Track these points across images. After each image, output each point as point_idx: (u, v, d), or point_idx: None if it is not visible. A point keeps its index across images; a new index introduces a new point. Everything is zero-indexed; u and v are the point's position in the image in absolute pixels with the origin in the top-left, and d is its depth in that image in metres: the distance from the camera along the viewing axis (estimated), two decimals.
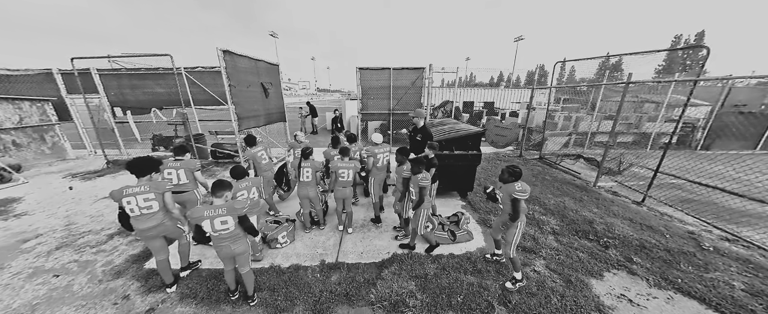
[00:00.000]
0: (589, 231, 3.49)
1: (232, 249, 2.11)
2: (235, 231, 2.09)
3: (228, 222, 2.04)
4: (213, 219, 2.01)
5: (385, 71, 7.09)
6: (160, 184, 2.27)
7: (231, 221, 2.05)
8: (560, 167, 6.31)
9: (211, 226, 2.02)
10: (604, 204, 4.31)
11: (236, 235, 2.11)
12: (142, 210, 2.20)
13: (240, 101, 5.17)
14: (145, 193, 2.19)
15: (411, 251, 3.02)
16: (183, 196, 2.97)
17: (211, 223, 2.02)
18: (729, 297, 2.44)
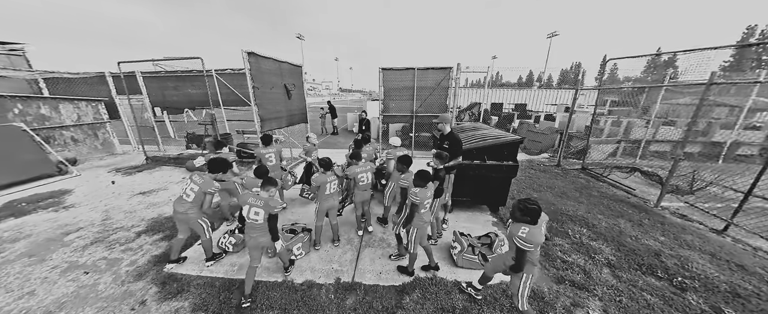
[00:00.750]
0: (656, 266, 2.85)
1: (260, 241, 2.33)
2: (264, 225, 2.29)
3: (259, 214, 2.27)
4: (251, 206, 2.28)
5: (409, 71, 6.75)
6: (208, 184, 2.58)
7: (262, 214, 2.27)
8: (609, 180, 5.48)
9: (247, 213, 2.29)
10: (672, 231, 3.57)
11: (264, 229, 2.31)
12: (183, 193, 2.63)
13: (263, 102, 5.19)
14: (192, 184, 2.59)
15: (412, 276, 2.63)
16: (225, 185, 3.52)
17: (248, 211, 2.29)
18: None
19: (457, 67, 6.54)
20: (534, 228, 1.77)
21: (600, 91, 6.19)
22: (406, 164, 2.88)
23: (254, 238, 2.33)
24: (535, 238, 1.75)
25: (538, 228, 1.80)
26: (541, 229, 1.80)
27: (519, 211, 1.81)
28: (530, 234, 1.75)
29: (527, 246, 1.76)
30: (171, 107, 7.48)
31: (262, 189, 2.34)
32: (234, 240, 3.08)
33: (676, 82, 5.64)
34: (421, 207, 2.39)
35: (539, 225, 1.81)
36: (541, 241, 1.78)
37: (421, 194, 2.35)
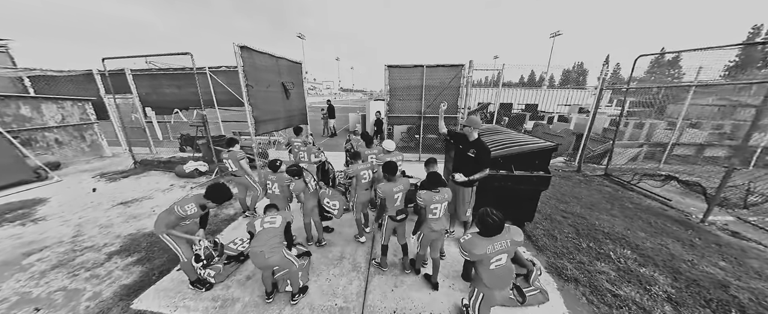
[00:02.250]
0: (728, 303, 2.36)
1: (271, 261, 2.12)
2: (275, 241, 2.15)
3: (276, 220, 2.23)
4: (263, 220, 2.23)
5: (417, 69, 6.26)
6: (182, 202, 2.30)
7: (279, 220, 2.23)
8: (638, 188, 4.97)
9: (261, 224, 2.21)
10: (732, 254, 3.07)
11: (275, 246, 2.15)
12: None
13: (258, 102, 4.70)
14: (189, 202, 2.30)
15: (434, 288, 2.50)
16: (240, 180, 3.75)
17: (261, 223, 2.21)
18: None
19: (470, 64, 6.04)
20: (478, 238, 1.67)
21: (626, 92, 5.67)
22: (392, 173, 2.55)
23: (262, 257, 2.07)
24: (473, 248, 1.64)
25: (488, 241, 1.65)
26: (490, 244, 1.64)
27: (477, 219, 1.71)
28: (470, 242, 1.67)
29: (463, 253, 1.71)
30: (163, 107, 7.00)
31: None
32: (213, 272, 2.59)
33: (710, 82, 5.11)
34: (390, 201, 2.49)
35: (493, 241, 1.65)
36: (479, 254, 1.63)
37: (386, 187, 2.48)
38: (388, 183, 2.51)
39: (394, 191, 2.47)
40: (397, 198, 2.49)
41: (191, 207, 2.25)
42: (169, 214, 2.26)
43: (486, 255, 1.63)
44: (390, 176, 2.54)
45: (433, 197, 2.26)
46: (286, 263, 2.20)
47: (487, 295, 1.74)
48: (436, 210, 2.27)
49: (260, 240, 2.13)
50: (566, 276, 2.67)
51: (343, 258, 2.97)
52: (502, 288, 1.74)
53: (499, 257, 1.67)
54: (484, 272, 1.69)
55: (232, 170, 3.69)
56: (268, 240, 2.13)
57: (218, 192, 2.28)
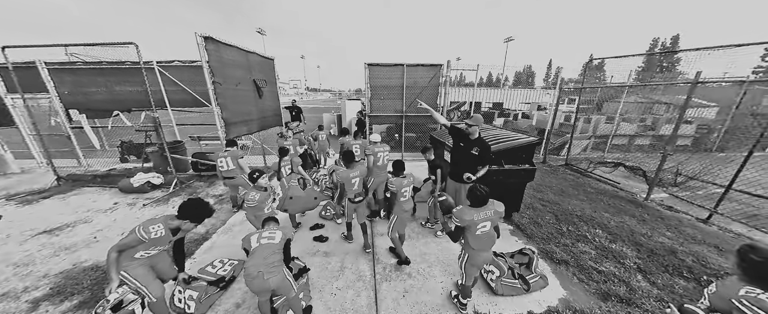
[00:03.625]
0: (680, 266, 2.81)
1: (270, 282, 1.83)
2: (274, 260, 1.90)
3: (275, 235, 1.99)
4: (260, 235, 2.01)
5: (397, 68, 6.24)
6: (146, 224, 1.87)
7: (278, 236, 1.98)
8: (594, 175, 5.72)
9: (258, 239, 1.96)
10: (673, 225, 3.69)
11: (275, 265, 1.88)
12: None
13: (227, 102, 4.17)
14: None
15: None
16: (234, 181, 3.67)
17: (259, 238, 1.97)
18: None
19: (448, 64, 6.24)
20: (467, 209, 1.99)
21: (580, 91, 6.46)
22: (348, 160, 2.91)
23: (261, 280, 1.78)
24: (463, 216, 1.95)
25: (474, 211, 1.96)
26: (477, 213, 1.96)
27: (468, 192, 2.02)
28: (461, 211, 1.98)
29: (454, 220, 2.00)
30: (95, 109, 5.76)
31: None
32: (196, 294, 2.19)
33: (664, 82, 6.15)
34: (399, 196, 2.67)
35: (479, 211, 1.96)
36: (468, 220, 1.94)
37: (344, 174, 2.79)
38: (346, 170, 2.84)
39: (352, 177, 2.80)
40: (354, 183, 2.82)
41: (157, 229, 1.80)
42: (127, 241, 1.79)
43: (473, 221, 1.95)
44: (348, 163, 2.89)
45: (402, 182, 2.67)
46: (286, 287, 1.91)
47: (472, 255, 2.07)
48: (405, 192, 2.69)
49: (257, 258, 1.84)
50: (557, 259, 2.90)
51: (344, 268, 2.78)
52: (485, 251, 2.08)
53: (485, 224, 1.98)
54: (471, 236, 2.01)
55: (227, 169, 3.60)
56: (266, 259, 1.84)
57: (196, 209, 1.93)
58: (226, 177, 3.71)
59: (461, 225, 2.00)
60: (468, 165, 2.87)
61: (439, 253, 3.04)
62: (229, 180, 3.71)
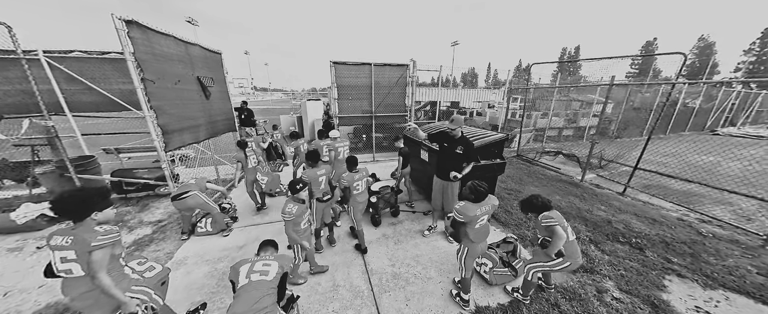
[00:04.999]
0: (616, 234, 3.45)
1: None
2: (274, 283, 1.60)
3: (270, 268, 1.64)
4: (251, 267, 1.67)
5: (364, 67, 6.09)
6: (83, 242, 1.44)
7: (273, 269, 1.64)
8: (540, 164, 6.64)
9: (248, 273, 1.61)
10: (603, 200, 4.52)
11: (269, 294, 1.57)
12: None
13: (165, 105, 3.38)
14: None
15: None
16: (187, 201, 3.11)
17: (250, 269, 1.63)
18: (756, 285, 2.59)
19: (414, 64, 6.38)
20: (470, 205, 2.07)
21: (526, 91, 7.40)
22: (313, 160, 2.87)
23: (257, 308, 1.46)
24: (468, 212, 2.03)
25: (477, 206, 2.07)
26: (479, 208, 2.07)
27: (468, 189, 2.11)
28: (464, 208, 2.05)
29: (458, 216, 2.06)
30: None
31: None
32: None
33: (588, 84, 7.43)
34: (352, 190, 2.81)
35: (480, 205, 2.09)
36: (472, 215, 2.03)
37: (311, 173, 2.80)
38: (312, 169, 2.80)
39: (318, 174, 2.81)
40: (321, 182, 2.83)
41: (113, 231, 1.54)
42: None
43: (475, 217, 2.03)
44: (313, 163, 2.83)
45: (354, 177, 2.85)
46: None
47: (471, 249, 2.15)
48: (358, 186, 2.86)
49: (244, 303, 1.47)
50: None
51: (337, 286, 2.54)
52: (482, 242, 2.21)
53: (483, 218, 2.10)
54: (471, 230, 2.09)
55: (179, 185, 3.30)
56: (256, 303, 1.47)
57: (66, 202, 1.46)
58: (178, 197, 3.04)
59: (464, 221, 2.05)
60: (454, 164, 2.95)
61: (430, 253, 3.05)
62: (179, 200, 3.05)
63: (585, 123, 10.59)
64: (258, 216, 3.94)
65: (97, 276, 1.41)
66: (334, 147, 3.89)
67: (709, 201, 4.49)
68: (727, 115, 13.79)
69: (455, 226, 2.14)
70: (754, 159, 5.92)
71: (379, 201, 3.56)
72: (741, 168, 5.62)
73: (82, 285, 1.45)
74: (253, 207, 4.11)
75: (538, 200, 2.16)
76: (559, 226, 1.99)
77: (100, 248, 1.43)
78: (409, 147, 4.72)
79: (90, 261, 1.41)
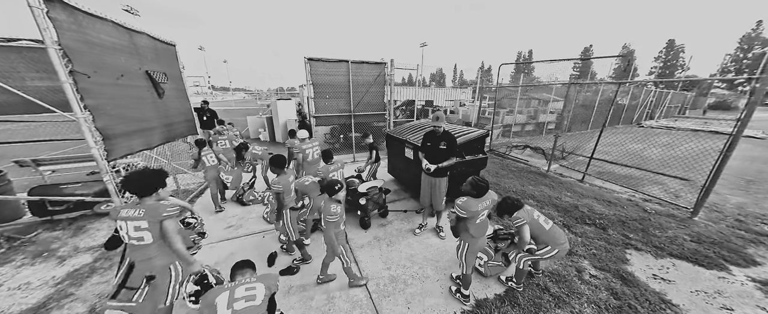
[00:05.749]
0: (583, 217, 3.84)
1: None
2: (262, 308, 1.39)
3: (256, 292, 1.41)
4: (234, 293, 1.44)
5: (342, 64, 5.87)
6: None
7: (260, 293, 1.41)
8: (511, 157, 7.15)
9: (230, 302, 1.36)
10: (568, 187, 5.01)
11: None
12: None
13: (106, 104, 2.81)
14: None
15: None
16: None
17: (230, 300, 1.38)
18: (691, 250, 3.10)
19: (391, 63, 6.35)
20: (472, 200, 2.07)
21: (496, 91, 7.89)
22: (279, 165, 2.64)
23: None
24: (470, 207, 2.03)
25: (478, 201, 2.07)
26: (480, 203, 2.08)
27: (469, 185, 2.12)
28: (466, 204, 2.04)
29: (461, 212, 2.05)
30: None
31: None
32: None
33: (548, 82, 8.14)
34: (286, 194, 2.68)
35: (481, 201, 2.10)
36: (474, 211, 2.03)
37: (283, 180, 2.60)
38: (283, 176, 2.59)
39: (291, 181, 2.63)
40: (293, 189, 2.68)
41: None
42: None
43: (477, 212, 2.04)
44: (279, 170, 2.61)
45: (330, 168, 3.00)
46: None
47: (472, 244, 2.16)
48: (334, 177, 2.98)
49: None
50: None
51: (332, 298, 2.36)
52: (482, 237, 2.22)
53: (483, 213, 2.11)
54: (472, 226, 2.10)
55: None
56: None
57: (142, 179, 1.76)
58: None
59: (467, 217, 2.04)
60: (439, 159, 2.97)
61: (424, 252, 3.03)
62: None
63: (543, 118, 11.76)
64: (231, 228, 3.52)
65: (172, 241, 1.69)
66: (300, 148, 3.74)
67: (646, 183, 5.28)
68: (648, 111, 16.55)
69: (457, 223, 2.13)
70: (668, 145, 7.16)
71: (368, 202, 3.43)
72: (661, 154, 6.75)
73: (150, 250, 1.69)
74: (225, 221, 3.66)
75: (510, 201, 2.27)
76: (527, 225, 2.16)
77: (169, 217, 1.70)
78: (395, 145, 4.68)
79: (163, 228, 1.68)
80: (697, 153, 5.58)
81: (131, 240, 1.66)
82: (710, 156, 4.68)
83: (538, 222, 2.26)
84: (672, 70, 43.59)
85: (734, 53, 40.34)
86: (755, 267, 2.87)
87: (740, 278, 2.70)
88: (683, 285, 2.60)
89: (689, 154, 5.75)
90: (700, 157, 5.32)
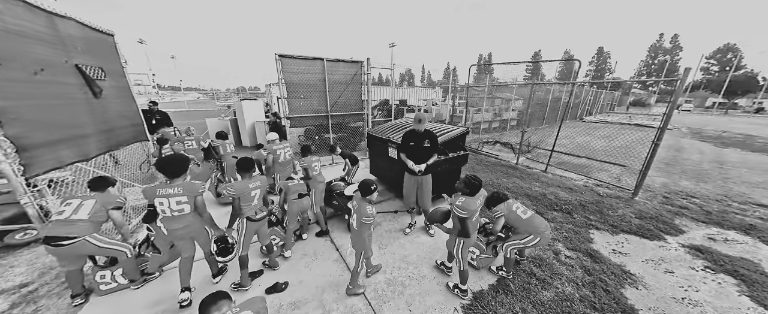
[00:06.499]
0: (551, 204, 4.25)
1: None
2: None
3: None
4: None
5: (316, 62, 5.60)
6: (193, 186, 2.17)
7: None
8: (484, 152, 7.62)
9: None
10: (536, 178, 5.51)
11: None
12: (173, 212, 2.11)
13: (15, 107, 2.23)
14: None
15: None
16: (78, 247, 2.27)
17: None
18: (637, 226, 3.65)
19: (368, 61, 6.25)
20: (470, 199, 2.12)
21: (467, 90, 8.31)
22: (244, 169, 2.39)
23: None
24: (470, 206, 2.09)
25: (474, 199, 2.15)
26: (476, 201, 2.15)
27: (463, 184, 2.17)
28: (466, 203, 2.09)
29: (462, 213, 2.08)
30: None
31: None
32: None
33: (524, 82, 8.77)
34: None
35: (476, 198, 2.17)
36: (473, 209, 2.10)
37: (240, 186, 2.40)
38: (243, 181, 2.34)
39: (251, 187, 2.29)
40: (254, 196, 2.31)
41: None
42: None
43: (475, 210, 2.10)
44: (244, 173, 2.39)
45: (312, 159, 3.08)
46: None
47: (467, 241, 2.21)
48: (316, 167, 3.06)
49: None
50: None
51: (329, 311, 2.21)
52: (474, 232, 2.31)
53: (478, 210, 2.18)
54: (470, 224, 2.13)
55: (65, 219, 2.14)
56: None
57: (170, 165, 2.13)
58: (56, 241, 2.01)
59: (467, 217, 2.07)
60: (424, 157, 3.01)
61: (417, 251, 3.03)
62: (62, 246, 2.04)
63: (507, 116, 12.81)
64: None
65: (203, 211, 2.20)
66: (271, 149, 3.60)
67: (595, 170, 6.08)
68: (588, 108, 19.16)
69: (462, 224, 2.12)
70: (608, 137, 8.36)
71: None
72: (603, 145, 7.86)
73: (188, 218, 2.13)
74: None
75: (498, 195, 2.50)
76: (503, 217, 2.41)
77: (202, 193, 2.17)
78: (377, 145, 4.62)
79: (198, 202, 2.14)
80: (630, 143, 6.61)
81: (173, 212, 2.06)
82: (642, 145, 5.57)
83: (516, 214, 2.43)
84: (602, 72, 51.26)
85: (645, 59, 49.02)
86: (682, 235, 3.48)
87: (674, 245, 3.25)
88: (636, 256, 3.02)
89: (623, 145, 6.78)
90: (632, 146, 6.31)
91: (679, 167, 6.69)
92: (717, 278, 2.69)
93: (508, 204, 2.46)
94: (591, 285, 2.52)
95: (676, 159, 7.54)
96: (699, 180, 5.77)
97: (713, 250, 3.12)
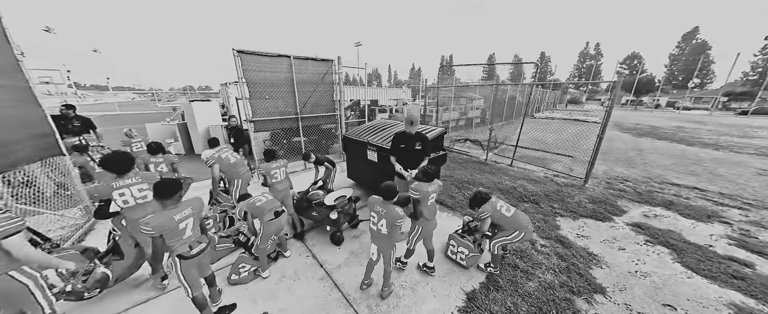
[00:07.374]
0: (521, 196, 4.58)
1: None
2: None
3: None
4: None
5: (282, 60, 5.13)
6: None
7: None
8: (455, 150, 7.95)
9: None
10: (504, 172, 5.91)
11: None
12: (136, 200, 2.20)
13: None
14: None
15: None
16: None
17: None
18: (591, 210, 4.15)
19: (338, 60, 5.96)
20: (423, 184, 2.40)
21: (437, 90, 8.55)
22: (164, 196, 1.85)
23: None
24: (421, 188, 2.34)
25: (428, 185, 2.40)
26: (430, 186, 2.40)
27: (421, 173, 2.48)
28: (419, 186, 2.37)
29: (414, 194, 2.33)
30: None
31: None
32: None
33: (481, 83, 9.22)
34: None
35: (430, 184, 2.42)
36: (425, 191, 2.33)
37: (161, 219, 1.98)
38: (163, 213, 1.73)
39: (177, 219, 1.74)
40: (184, 228, 1.78)
41: None
42: None
43: (427, 193, 2.33)
44: (164, 201, 1.75)
45: (271, 165, 3.05)
46: None
47: (425, 228, 2.46)
48: (276, 174, 3.06)
49: None
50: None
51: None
52: (432, 220, 2.49)
53: (432, 196, 2.40)
54: (424, 207, 2.37)
55: None
56: None
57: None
58: None
59: (419, 198, 2.30)
60: (415, 160, 2.94)
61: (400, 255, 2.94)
62: None
63: (471, 114, 13.66)
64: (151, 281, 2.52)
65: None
66: (214, 157, 3.39)
67: (550, 161, 6.79)
68: (537, 105, 21.58)
69: (414, 205, 2.33)
70: (557, 131, 9.50)
71: (340, 215, 3.09)
72: (554, 138, 8.87)
73: (152, 205, 2.24)
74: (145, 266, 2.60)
75: (480, 195, 2.58)
76: (489, 217, 2.51)
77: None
78: (354, 148, 4.42)
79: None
80: (573, 136, 7.57)
81: (138, 200, 2.17)
82: (584, 137, 6.40)
83: (501, 212, 2.53)
84: (545, 74, 58.37)
85: (577, 63, 57.28)
86: (625, 215, 4.05)
87: (621, 224, 3.76)
88: (595, 238, 3.41)
89: (569, 137, 7.75)
90: (576, 139, 7.23)
91: (613, 155, 7.88)
92: (656, 250, 3.17)
93: (492, 204, 2.53)
94: (566, 270, 2.74)
95: (610, 148, 8.88)
96: (628, 165, 6.86)
97: (650, 226, 3.69)
